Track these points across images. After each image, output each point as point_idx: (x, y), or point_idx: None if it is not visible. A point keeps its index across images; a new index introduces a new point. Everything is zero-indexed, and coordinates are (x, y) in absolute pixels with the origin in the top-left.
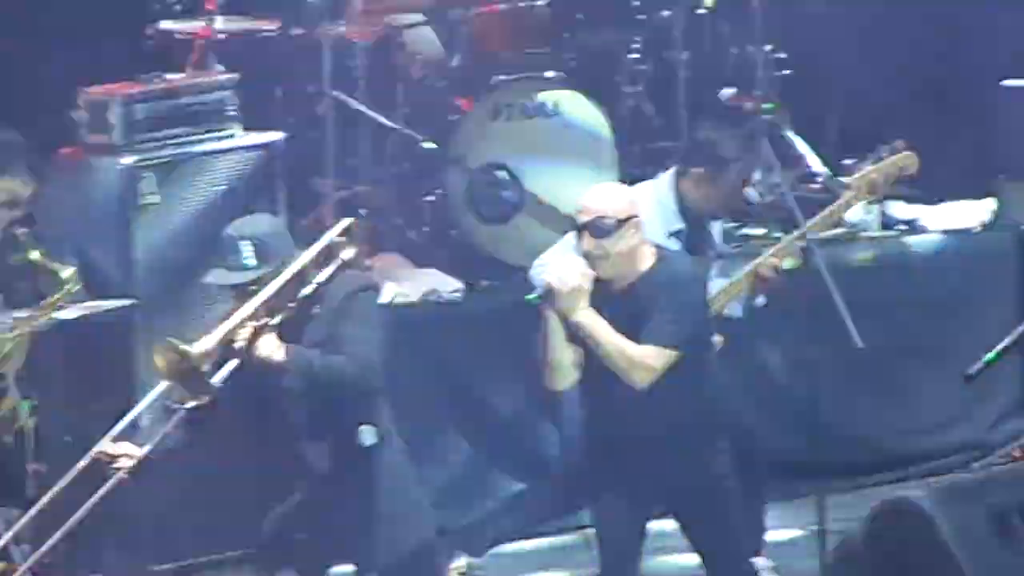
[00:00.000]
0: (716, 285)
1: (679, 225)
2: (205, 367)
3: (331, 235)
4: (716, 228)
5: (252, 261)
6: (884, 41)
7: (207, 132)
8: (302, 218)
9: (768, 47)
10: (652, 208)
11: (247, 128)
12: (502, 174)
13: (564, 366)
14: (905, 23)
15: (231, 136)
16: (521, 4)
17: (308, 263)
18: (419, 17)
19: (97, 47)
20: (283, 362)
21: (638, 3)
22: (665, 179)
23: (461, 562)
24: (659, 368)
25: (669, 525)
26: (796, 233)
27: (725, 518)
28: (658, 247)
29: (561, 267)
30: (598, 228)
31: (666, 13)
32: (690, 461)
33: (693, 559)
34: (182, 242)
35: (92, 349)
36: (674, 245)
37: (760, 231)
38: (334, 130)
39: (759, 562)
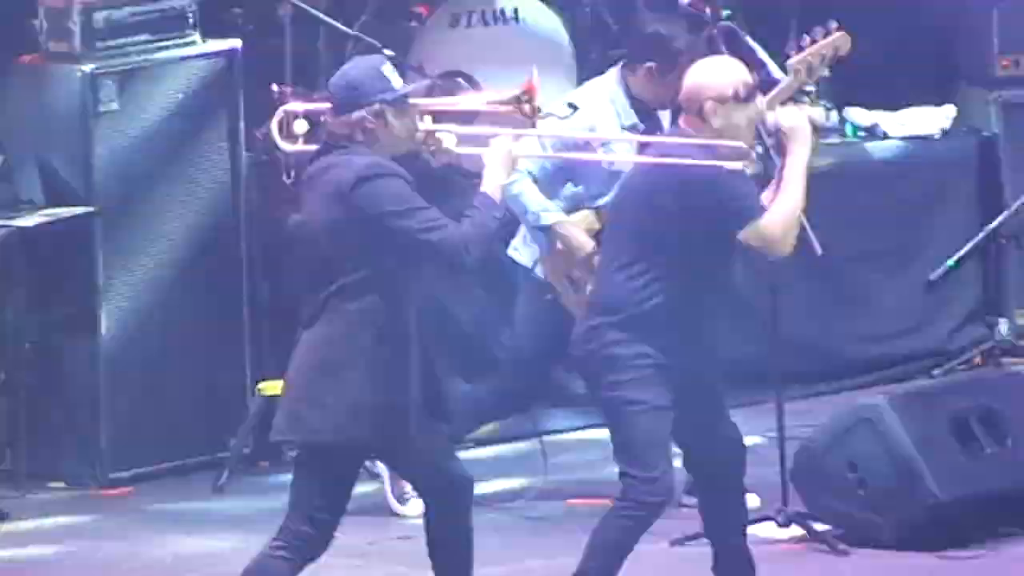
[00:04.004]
0: None
1: (633, 119)
2: None
3: None
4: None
5: None
6: None
7: (167, 40)
8: (259, 127)
9: None
10: (605, 105)
11: (206, 36)
12: (461, 82)
13: None
14: None
15: (191, 44)
16: None
17: None
18: None
19: None
20: None
21: None
22: (612, 75)
23: None
24: None
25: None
26: None
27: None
28: None
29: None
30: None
31: None
32: None
33: None
34: (141, 150)
35: (52, 257)
36: (629, 137)
37: None
38: (293, 37)
39: None
